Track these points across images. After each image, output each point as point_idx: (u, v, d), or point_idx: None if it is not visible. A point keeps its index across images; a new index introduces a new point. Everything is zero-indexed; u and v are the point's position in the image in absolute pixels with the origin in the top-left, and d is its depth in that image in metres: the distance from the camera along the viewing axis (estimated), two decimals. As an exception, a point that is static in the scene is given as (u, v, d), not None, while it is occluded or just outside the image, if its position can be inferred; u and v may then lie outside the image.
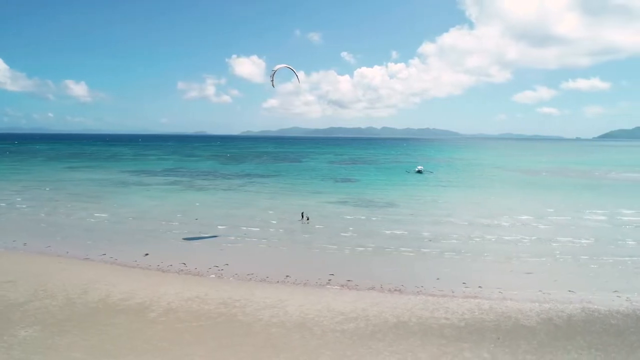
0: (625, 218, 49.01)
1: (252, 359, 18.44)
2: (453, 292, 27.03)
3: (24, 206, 57.27)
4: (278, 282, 28.96)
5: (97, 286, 27.12)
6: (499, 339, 20.49)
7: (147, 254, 35.08)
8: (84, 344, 19.47)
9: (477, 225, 45.29)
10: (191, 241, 39.64)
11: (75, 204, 58.40)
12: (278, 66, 38.96)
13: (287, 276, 29.95)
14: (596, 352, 19.27)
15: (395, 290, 27.36)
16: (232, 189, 77.55)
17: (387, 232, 42.67)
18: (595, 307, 24.51)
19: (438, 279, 29.47)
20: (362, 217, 50.38)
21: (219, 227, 44.50)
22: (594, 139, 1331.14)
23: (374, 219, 49.71)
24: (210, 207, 57.08)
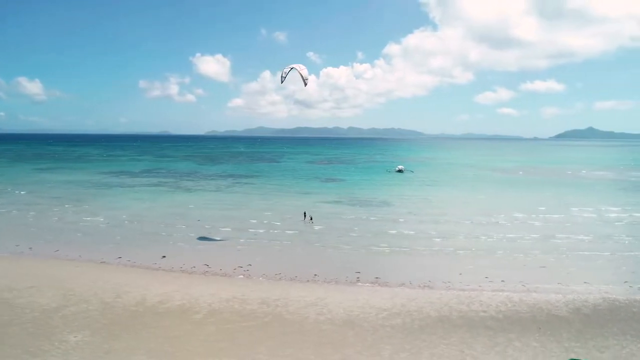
0: (612, 215, 52.05)
1: (317, 356, 18.81)
2: (480, 286, 28.23)
3: (3, 211, 54.68)
4: (308, 280, 29.36)
5: (128, 289, 26.69)
6: (540, 328, 21.69)
7: (164, 257, 34.63)
8: (143, 347, 19.32)
9: (478, 224, 47.03)
10: (204, 243, 39.39)
11: (61, 207, 56.48)
12: (288, 67, 39.20)
13: (315, 275, 30.39)
14: (631, 337, 20.75)
15: (425, 286, 28.32)
16: (220, 190, 76.86)
17: (393, 231, 43.66)
18: (614, 296, 26.24)
19: (461, 274, 30.66)
20: (363, 217, 51.23)
21: (224, 228, 44.32)
22: (551, 139, 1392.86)
23: (373, 218, 50.62)
24: (206, 209, 56.48)
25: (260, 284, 28.58)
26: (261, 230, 43.85)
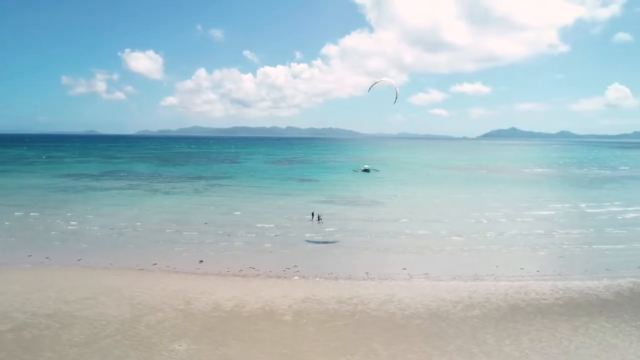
0: (589, 210, 57.23)
1: (432, 348, 19.84)
2: (523, 277, 30.58)
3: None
4: (364, 279, 30.18)
5: (193, 295, 26.11)
6: (602, 312, 24.18)
7: (201, 261, 33.96)
8: (259, 352, 19.32)
9: (476, 222, 49.95)
10: (233, 246, 38.88)
11: (40, 214, 52.60)
12: (387, 80, 40.29)
13: (366, 272, 31.30)
14: (679, 314, 23.76)
15: (477, 279, 30.23)
16: (201, 193, 74.98)
17: (407, 231, 45.28)
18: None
19: (497, 267, 32.95)
20: (365, 217, 52.48)
21: (238, 232, 43.78)
22: (478, 138, 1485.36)
23: (375, 218, 51.87)
24: (203, 212, 55.11)
25: (320, 284, 28.98)
26: (278, 232, 43.87)
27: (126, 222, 47.83)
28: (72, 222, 47.81)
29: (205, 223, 47.79)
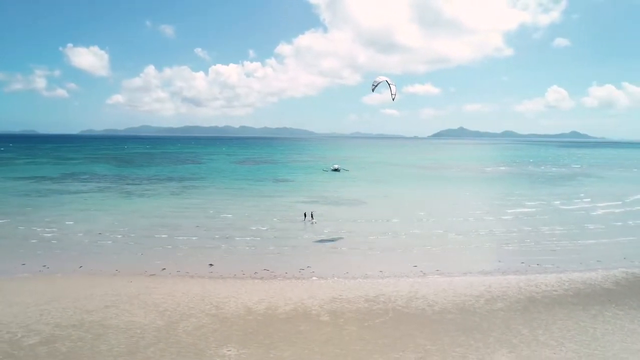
0: (563, 207, 60.85)
1: (475, 340, 20.77)
2: (526, 270, 32.38)
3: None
4: (381, 277, 30.82)
5: (220, 299, 25.73)
6: (610, 300, 26.14)
7: (211, 264, 33.47)
8: (314, 353, 19.46)
9: (464, 219, 51.89)
10: (233, 248, 38.46)
11: (12, 220, 49.67)
12: (380, 79, 40.38)
13: (380, 271, 32.01)
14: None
15: (487, 273, 31.67)
16: (177, 195, 73.08)
17: (403, 230, 46.41)
18: (632, 270, 32.10)
19: (500, 261, 34.77)
20: (355, 217, 52.97)
21: (235, 233, 43.33)
22: (429, 137, 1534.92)
23: (365, 219, 52.03)
24: (188, 215, 53.69)
25: (341, 283, 29.30)
26: (275, 234, 43.78)
27: (111, 227, 46.00)
28: (50, 229, 45.37)
29: (197, 226, 46.85)
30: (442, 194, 75.36)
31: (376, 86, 41.02)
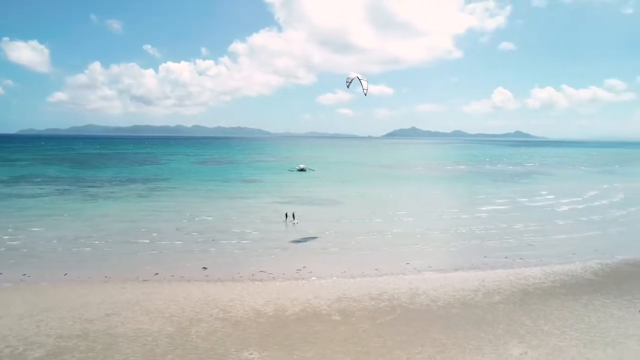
0: (530, 204, 63.98)
1: (486, 334, 21.73)
2: (512, 264, 34.04)
3: None
4: (378, 275, 31.38)
5: (225, 303, 25.38)
6: (595, 290, 28.05)
7: (205, 268, 32.87)
8: (337, 352, 19.67)
9: (439, 217, 53.85)
10: (222, 251, 37.89)
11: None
12: (352, 75, 40.49)
13: (376, 269, 32.64)
14: (651, 287, 28.46)
15: (476, 268, 33.00)
16: (145, 197, 70.61)
17: (386, 228, 47.42)
18: (605, 262, 34.50)
19: (485, 257, 36.26)
20: (334, 217, 53.34)
21: (219, 236, 42.71)
22: (382, 137, 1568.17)
23: (346, 218, 52.88)
24: (163, 218, 52.08)
25: (342, 282, 29.57)
26: (261, 235, 43.47)
27: (84, 233, 43.85)
28: (17, 236, 42.67)
29: (177, 229, 45.73)
30: (413, 193, 77.40)
31: (350, 82, 41.58)
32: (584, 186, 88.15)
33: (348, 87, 42.00)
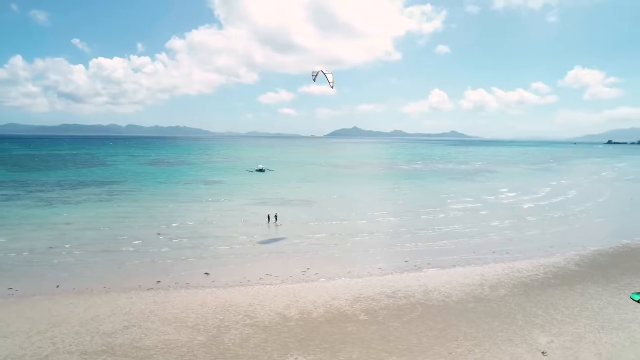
0: (496, 202, 67.49)
1: (509, 325, 23.04)
2: (501, 259, 36.06)
3: None
4: (384, 274, 32.09)
5: (245, 308, 24.95)
6: (583, 280, 30.49)
7: (207, 273, 32.02)
8: (380, 352, 20.05)
9: (415, 216, 55.62)
10: (219, 255, 37.01)
11: None
12: (317, 68, 40.39)
13: (379, 268, 33.35)
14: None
15: (471, 264, 34.62)
16: (107, 201, 66.72)
17: (373, 228, 48.23)
18: (582, 253, 37.49)
19: (474, 252, 38.12)
20: (312, 217, 53.59)
21: (207, 241, 41.57)
22: (325, 137, 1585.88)
23: (326, 218, 53.06)
24: (138, 223, 49.39)
25: (355, 283, 29.89)
26: (249, 238, 42.84)
27: (56, 243, 40.78)
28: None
29: (159, 235, 44.01)
30: (383, 192, 79.31)
31: (316, 75, 42.10)
32: (535, 183, 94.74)
33: (314, 80, 42.39)
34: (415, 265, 34.17)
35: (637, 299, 26.40)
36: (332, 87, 44.18)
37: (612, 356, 19.68)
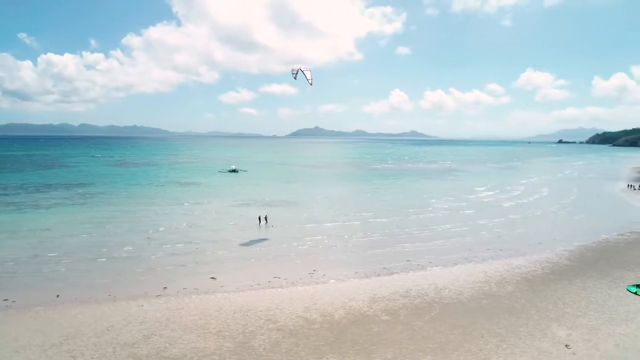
0: (478, 201, 69.16)
1: (526, 320, 23.87)
2: (498, 256, 37.28)
3: None
4: (390, 273, 32.46)
5: (264, 311, 24.61)
6: (579, 274, 32.02)
7: (213, 278, 31.34)
8: (413, 352, 20.32)
9: (405, 216, 56.58)
10: (220, 260, 36.29)
11: None
12: (295, 66, 40.26)
13: (384, 268, 33.70)
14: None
15: (470, 261, 35.59)
16: (80, 205, 63.77)
17: (367, 229, 48.83)
18: (569, 249, 39.31)
19: (470, 250, 39.21)
20: (299, 218, 53.55)
21: (201, 245, 40.68)
22: (287, 136, 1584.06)
23: (315, 219, 52.99)
24: (120, 229, 47.53)
25: (368, 283, 30.06)
26: (243, 241, 42.21)
27: (39, 251, 38.49)
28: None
29: (149, 240, 42.68)
30: (363, 192, 79.95)
31: (297, 73, 42.36)
32: (508, 182, 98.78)
33: (295, 78, 42.62)
34: (418, 265, 34.74)
35: (633, 291, 27.95)
36: (310, 84, 44.36)
37: (628, 346, 20.74)
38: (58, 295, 27.66)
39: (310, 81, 41.78)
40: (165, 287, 29.16)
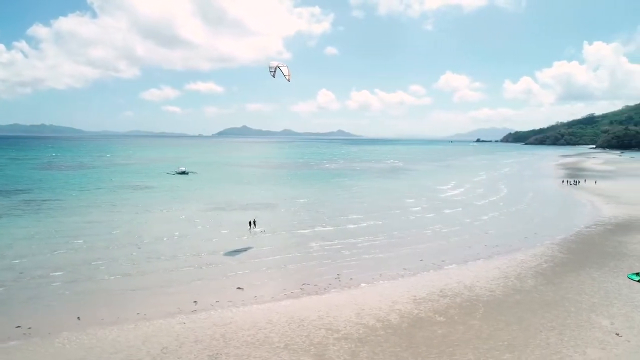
0: (449, 200, 72.14)
1: (559, 311, 25.48)
2: (498, 253, 39.30)
3: None
4: (411, 275, 32.98)
5: (318, 321, 24.14)
6: (580, 266, 34.76)
7: (240, 288, 29.99)
8: (480, 352, 21.01)
9: (399, 217, 57.79)
10: (238, 269, 34.71)
11: None
12: (273, 64, 39.68)
13: (404, 269, 34.21)
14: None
15: (477, 259, 37.23)
16: (28, 214, 57.00)
17: (362, 230, 49.14)
18: (556, 242, 42.45)
19: (470, 247, 41.00)
20: (291, 223, 53.07)
21: (204, 256, 38.74)
22: (213, 136, 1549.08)
23: (306, 225, 52.56)
24: (95, 242, 43.72)
25: (397, 286, 30.27)
26: (249, 247, 40.77)
27: (17, 269, 34.75)
28: None
29: (139, 247, 39.95)
30: (337, 194, 79.79)
31: (274, 71, 42.27)
32: (461, 180, 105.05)
33: (273, 76, 42.32)
34: (433, 264, 35.63)
35: (637, 279, 30.83)
36: (288, 80, 43.90)
37: (666, 330, 22.84)
38: (79, 318, 24.87)
39: (287, 77, 41.32)
40: (195, 301, 27.40)
